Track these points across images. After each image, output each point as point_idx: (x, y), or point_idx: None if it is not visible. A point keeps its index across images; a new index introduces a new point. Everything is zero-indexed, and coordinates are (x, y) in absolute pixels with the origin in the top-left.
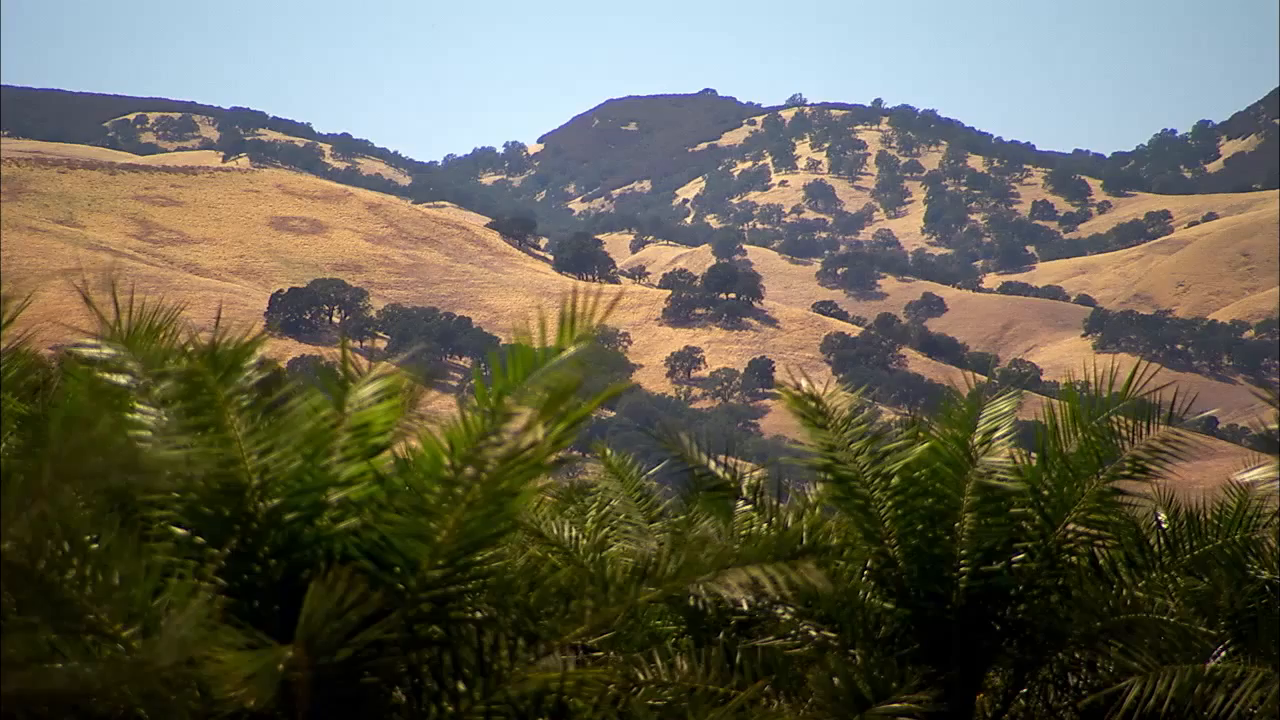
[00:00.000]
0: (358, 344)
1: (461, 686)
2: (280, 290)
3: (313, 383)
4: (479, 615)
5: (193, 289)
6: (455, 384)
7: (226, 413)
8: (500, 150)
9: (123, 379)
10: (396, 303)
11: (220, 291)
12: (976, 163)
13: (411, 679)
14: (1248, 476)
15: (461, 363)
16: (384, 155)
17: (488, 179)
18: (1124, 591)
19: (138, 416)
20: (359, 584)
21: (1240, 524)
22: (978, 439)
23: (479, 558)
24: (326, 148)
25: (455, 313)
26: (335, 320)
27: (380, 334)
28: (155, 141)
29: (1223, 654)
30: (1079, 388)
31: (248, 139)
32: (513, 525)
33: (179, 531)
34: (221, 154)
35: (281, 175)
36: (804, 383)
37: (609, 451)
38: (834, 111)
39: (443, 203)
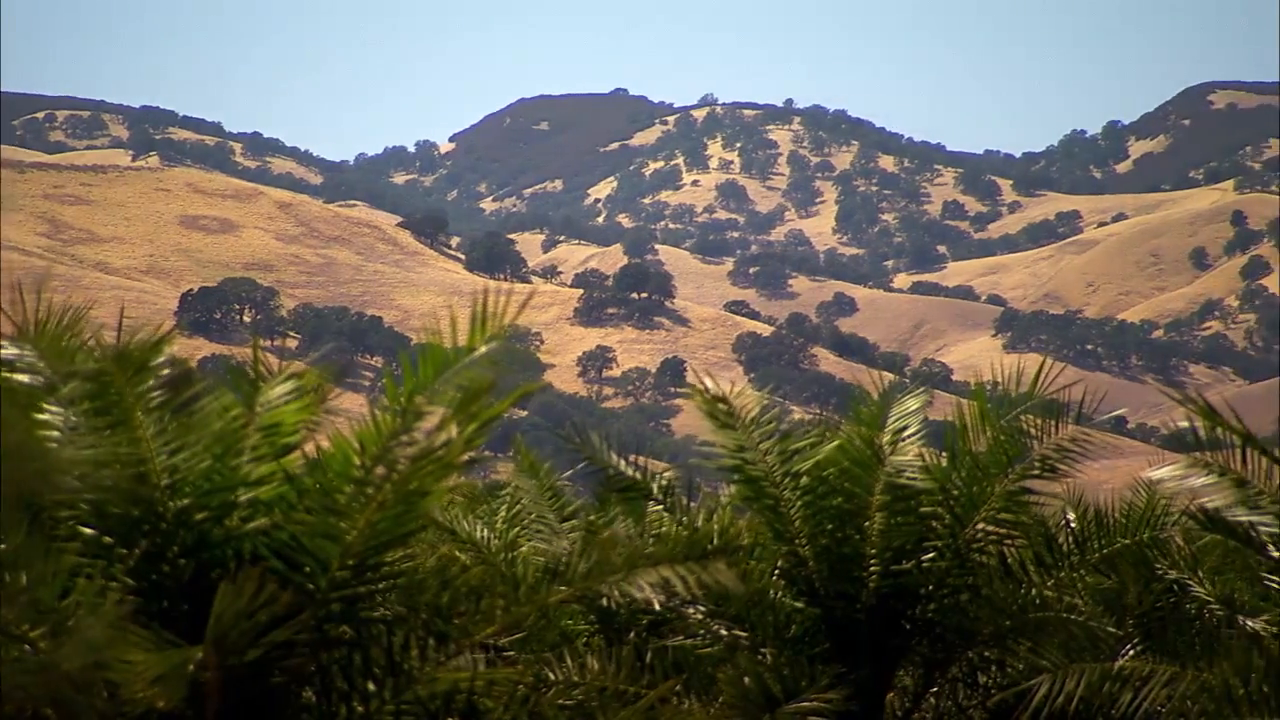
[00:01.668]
0: (268, 343)
1: (371, 686)
2: (191, 289)
3: (223, 382)
4: (389, 615)
5: (102, 288)
6: (367, 383)
7: (135, 412)
8: (412, 149)
9: (30, 379)
10: (308, 302)
11: (130, 290)
12: (887, 163)
13: (321, 679)
14: (1155, 475)
15: (373, 362)
16: (295, 154)
17: (399, 178)
18: (1033, 590)
19: (46, 417)
20: (269, 584)
21: (1148, 523)
22: (887, 438)
23: (389, 557)
24: (237, 146)
25: (366, 312)
26: (246, 319)
27: (291, 333)
28: (64, 140)
29: (1130, 652)
30: (988, 387)
31: (157, 138)
32: (423, 525)
33: (87, 532)
34: (131, 153)
35: (192, 174)
36: (713, 383)
37: (524, 449)
38: (746, 111)
39: (354, 202)
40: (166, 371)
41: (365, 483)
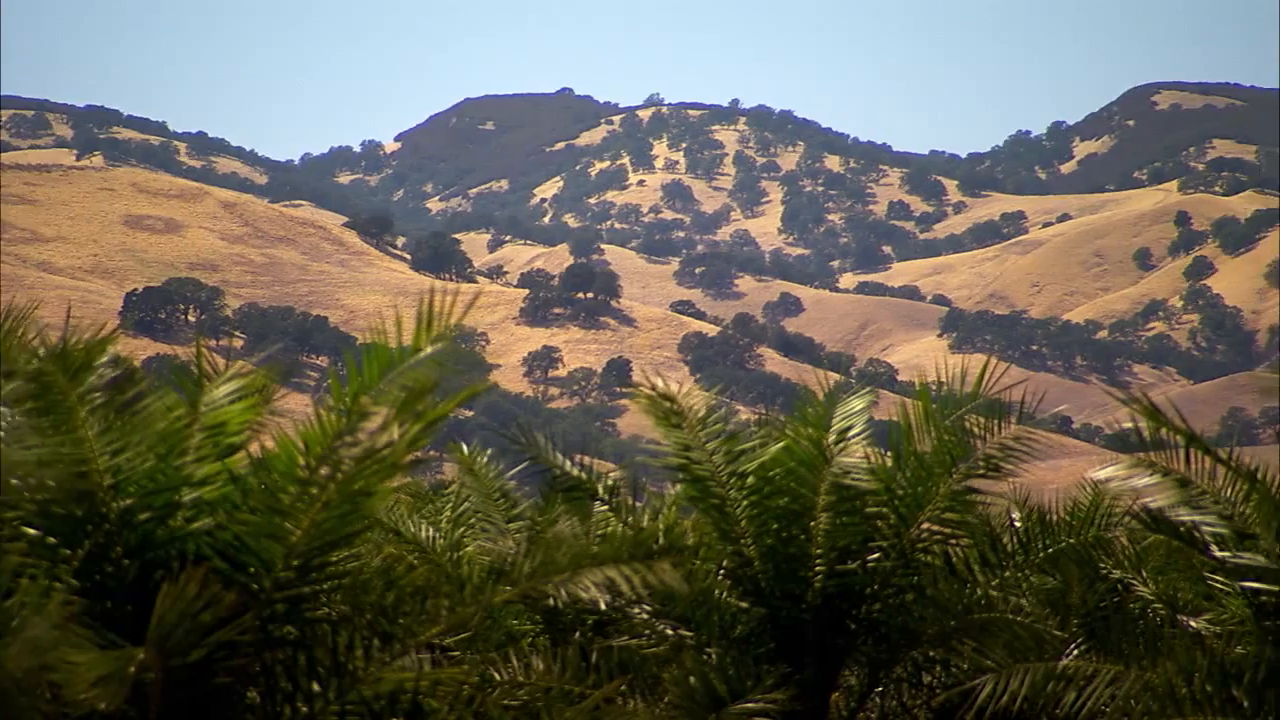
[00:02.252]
0: (213, 343)
1: (316, 687)
2: (135, 289)
3: (167, 382)
4: (334, 615)
5: (46, 287)
6: (312, 383)
7: (78, 412)
8: (357, 149)
9: None
10: (253, 302)
11: (74, 290)
12: (833, 163)
13: (265, 679)
14: (1099, 475)
15: (318, 362)
16: (240, 154)
17: (344, 178)
18: (978, 590)
19: None
20: (212, 584)
21: (1092, 523)
22: (832, 438)
23: (334, 557)
24: (182, 146)
25: (312, 312)
26: (191, 319)
27: (236, 333)
28: (8, 139)
29: (1075, 652)
30: (933, 387)
31: (102, 137)
32: (368, 525)
33: (31, 532)
34: (75, 152)
35: (136, 174)
36: (659, 383)
37: (465, 450)
38: (691, 112)
39: (299, 201)
40: (110, 371)
41: (310, 483)
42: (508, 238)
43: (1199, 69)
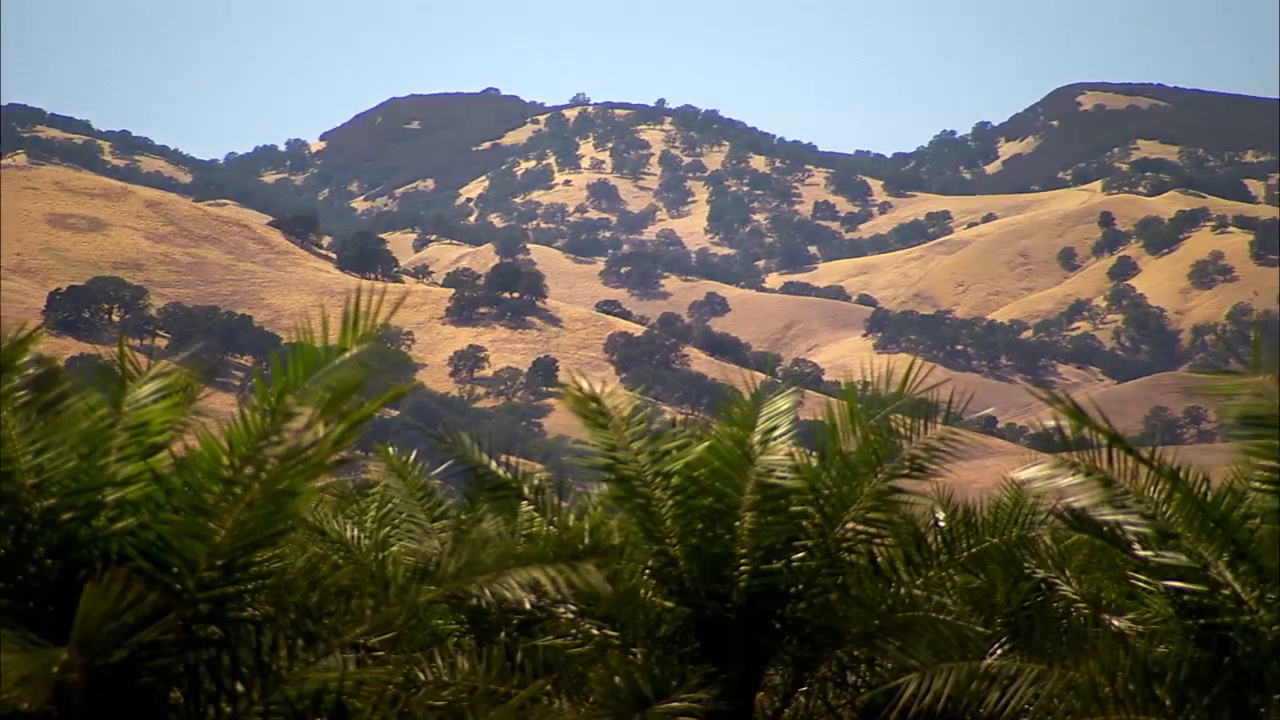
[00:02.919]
0: (137, 343)
1: (239, 687)
2: (58, 289)
3: (90, 381)
4: (258, 615)
5: None
6: (237, 383)
7: (0, 412)
8: (282, 148)
9: None
10: (177, 301)
11: None
12: (759, 163)
13: (189, 679)
14: (1023, 475)
15: (243, 362)
16: (164, 153)
17: (269, 177)
18: (902, 589)
19: None
20: (135, 584)
21: (1016, 522)
22: (757, 438)
23: (258, 557)
24: (106, 145)
25: (237, 311)
26: (115, 319)
27: (160, 333)
28: None
29: (998, 651)
30: (858, 387)
31: (25, 136)
32: (292, 525)
33: None
34: None
35: (60, 172)
36: (585, 382)
37: (391, 450)
38: (617, 111)
39: (224, 201)
40: (32, 371)
41: (234, 482)
42: (433, 237)
43: (1123, 69)
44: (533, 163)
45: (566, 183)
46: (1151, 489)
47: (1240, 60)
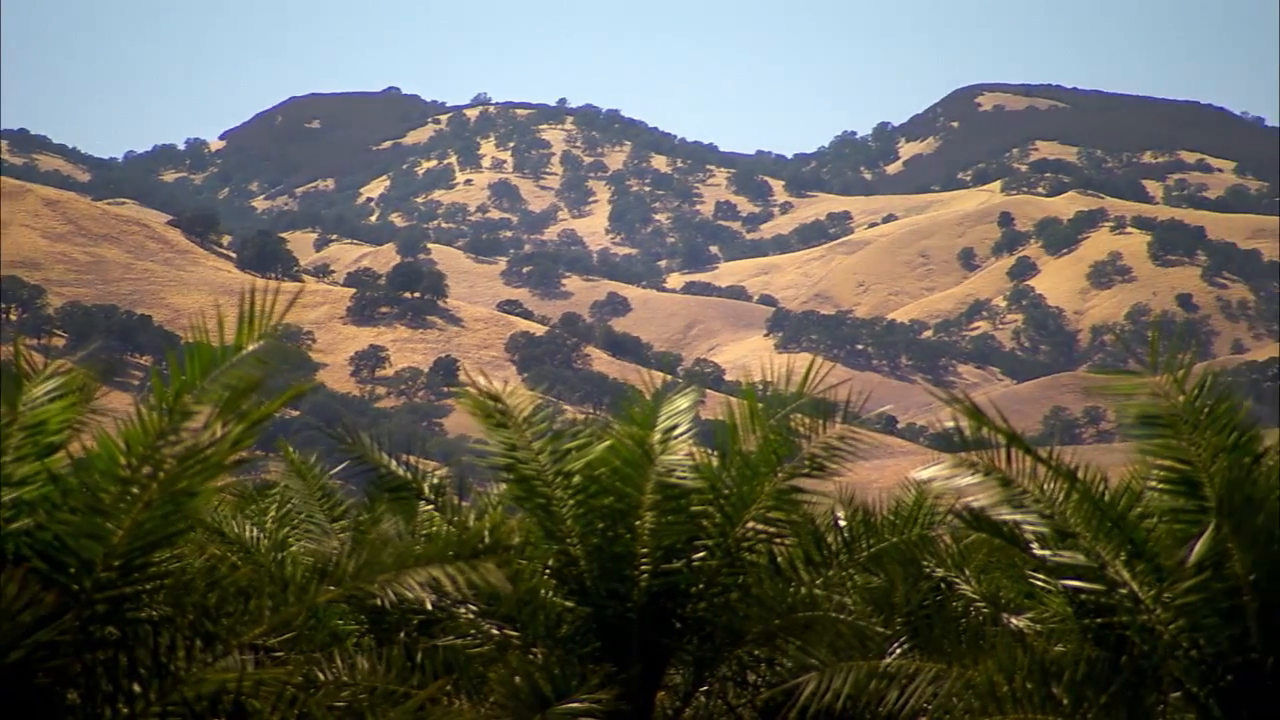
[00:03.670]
0: (35, 342)
1: (137, 688)
2: None
3: None
4: (156, 616)
5: None
6: (136, 383)
7: None
8: (182, 147)
9: None
10: (75, 300)
11: None
12: (660, 163)
13: (86, 680)
14: (923, 475)
15: (142, 361)
16: (63, 151)
17: (169, 176)
18: (802, 589)
19: None
20: (32, 585)
21: (916, 522)
22: (658, 437)
23: (156, 558)
24: (3, 143)
25: (136, 311)
26: (12, 318)
27: (58, 332)
28: None
29: (898, 650)
30: (759, 387)
31: None
32: (191, 525)
33: None
34: None
35: None
36: (485, 382)
37: (291, 450)
38: (518, 111)
39: (123, 200)
40: None
41: (131, 482)
42: (334, 237)
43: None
44: (434, 162)
45: (468, 182)
46: (1050, 488)
47: (1139, 62)
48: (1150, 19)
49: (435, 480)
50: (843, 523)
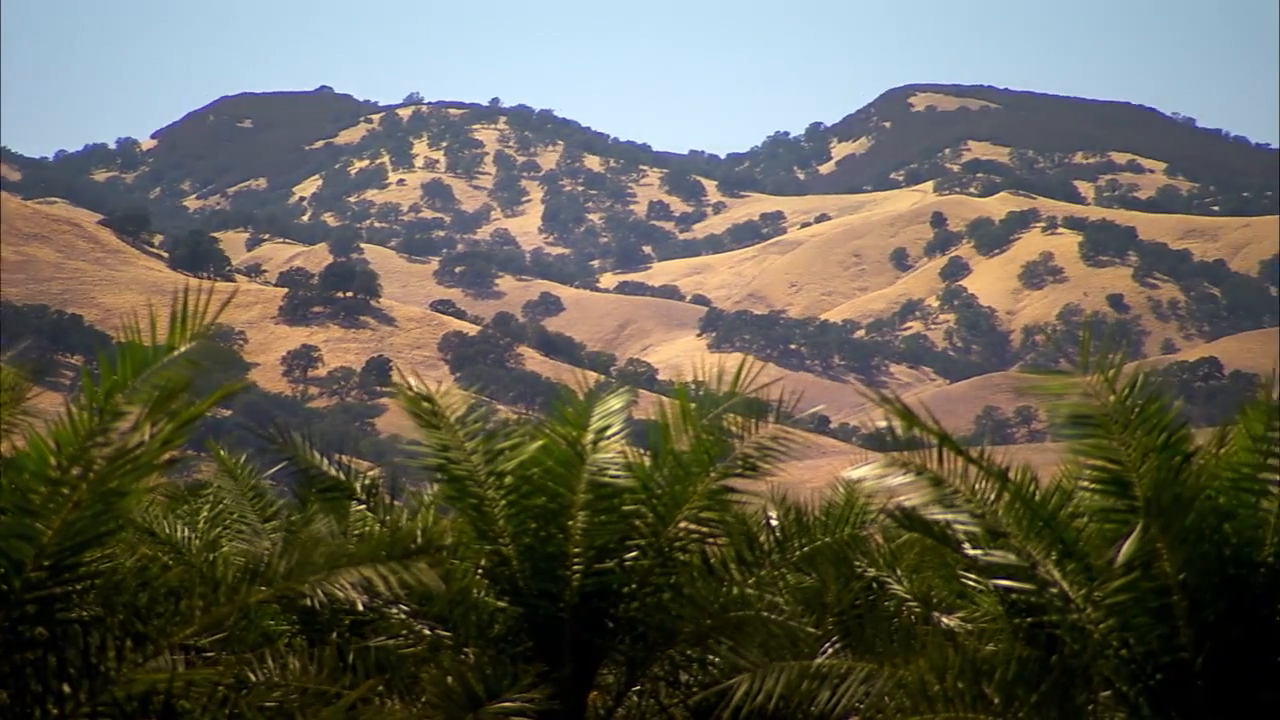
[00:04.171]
0: None
1: (67, 688)
2: None
3: None
4: (86, 616)
5: None
6: (66, 383)
7: None
8: (113, 146)
9: None
10: (5, 300)
11: None
12: (593, 163)
13: (15, 681)
14: (855, 474)
15: (73, 361)
16: None
17: (100, 175)
18: (734, 589)
19: None
20: None
21: (848, 522)
22: (590, 437)
23: (86, 558)
24: None
25: (67, 310)
26: None
27: None
28: None
29: (830, 650)
30: (691, 386)
31: None
32: (121, 525)
33: None
34: None
35: None
36: (417, 382)
37: (222, 450)
38: (451, 110)
39: (54, 199)
40: None
41: (61, 483)
42: (266, 236)
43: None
44: (366, 162)
45: (400, 182)
46: (981, 488)
47: (1070, 63)
48: (1082, 20)
49: (367, 480)
50: (775, 522)
